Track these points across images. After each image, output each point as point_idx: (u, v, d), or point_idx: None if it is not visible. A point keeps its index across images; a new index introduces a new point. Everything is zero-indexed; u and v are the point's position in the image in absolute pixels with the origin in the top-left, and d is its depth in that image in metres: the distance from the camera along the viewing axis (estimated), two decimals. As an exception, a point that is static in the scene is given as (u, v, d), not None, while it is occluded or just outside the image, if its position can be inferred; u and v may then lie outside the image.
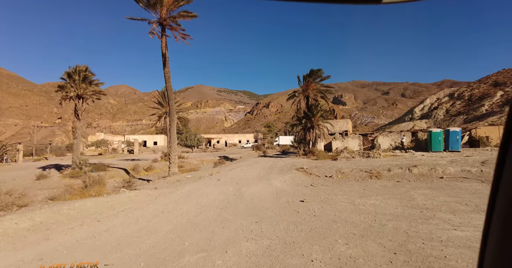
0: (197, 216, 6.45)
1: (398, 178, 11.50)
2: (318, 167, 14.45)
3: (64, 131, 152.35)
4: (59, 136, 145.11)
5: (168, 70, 13.67)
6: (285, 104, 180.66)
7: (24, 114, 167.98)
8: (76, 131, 16.67)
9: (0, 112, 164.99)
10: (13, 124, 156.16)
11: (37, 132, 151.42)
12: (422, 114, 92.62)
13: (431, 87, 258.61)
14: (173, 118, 14.08)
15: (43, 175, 14.71)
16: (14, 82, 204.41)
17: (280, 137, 55.59)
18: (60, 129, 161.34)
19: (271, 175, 12.71)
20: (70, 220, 5.70)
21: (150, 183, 12.86)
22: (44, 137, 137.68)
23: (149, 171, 19.82)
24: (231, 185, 10.46)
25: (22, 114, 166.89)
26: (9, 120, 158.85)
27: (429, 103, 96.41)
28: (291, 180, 11.60)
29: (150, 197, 8.20)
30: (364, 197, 8.13)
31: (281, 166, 15.78)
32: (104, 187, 9.29)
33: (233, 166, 17.69)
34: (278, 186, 10.33)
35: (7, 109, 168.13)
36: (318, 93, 21.18)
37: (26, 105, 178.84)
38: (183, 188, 9.88)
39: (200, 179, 12.62)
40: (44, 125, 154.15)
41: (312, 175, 12.89)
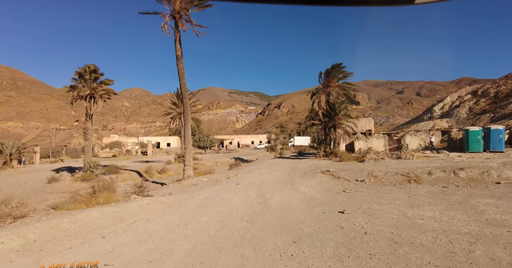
0: (220, 232, 5.36)
1: (443, 183, 10.00)
2: (346, 170, 13.09)
3: (81, 134, 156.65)
4: (76, 138, 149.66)
5: (182, 66, 12.78)
6: (296, 104, 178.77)
7: (45, 117, 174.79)
8: (87, 132, 16.13)
9: (23, 115, 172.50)
10: (34, 127, 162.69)
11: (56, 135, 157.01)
12: (443, 112, 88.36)
13: (448, 85, 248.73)
14: (187, 117, 13.16)
15: (55, 178, 14.18)
16: (35, 87, 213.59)
17: (295, 138, 54.06)
18: (78, 132, 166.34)
19: (295, 179, 11.49)
20: (70, 236, 4.75)
21: (164, 187, 11.95)
22: (63, 139, 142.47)
23: (162, 173, 19.06)
24: (252, 191, 9.34)
25: (42, 117, 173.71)
26: (31, 123, 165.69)
27: (450, 101, 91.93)
28: (318, 185, 10.33)
29: (164, 205, 7.19)
30: (415, 208, 6.77)
31: (302, 168, 14.51)
32: (113, 194, 8.42)
33: (250, 168, 16.58)
34: (306, 192, 9.10)
35: (29, 112, 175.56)
36: (341, 90, 19.72)
37: (46, 109, 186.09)
38: (200, 194, 8.85)
39: (217, 183, 11.58)
40: (62, 127, 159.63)
41: (340, 179, 11.56)
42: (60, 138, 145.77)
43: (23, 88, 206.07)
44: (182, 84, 12.92)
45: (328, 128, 19.87)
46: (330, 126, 19.83)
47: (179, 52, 12.78)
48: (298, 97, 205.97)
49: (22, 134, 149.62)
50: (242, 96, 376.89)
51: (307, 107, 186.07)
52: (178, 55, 12.77)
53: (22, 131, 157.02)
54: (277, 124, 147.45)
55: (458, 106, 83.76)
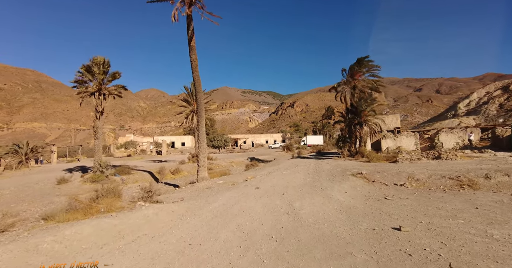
0: (244, 257, 4.06)
1: (509, 190, 8.21)
2: (380, 172, 11.44)
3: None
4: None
5: (195, 57, 11.64)
6: (310, 103, 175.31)
7: (66, 118, 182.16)
8: (97, 131, 15.41)
9: (47, 116, 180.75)
10: (57, 127, 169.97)
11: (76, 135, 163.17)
12: (468, 109, 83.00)
13: (471, 81, 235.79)
14: (201, 114, 12.03)
15: (64, 179, 13.54)
16: (58, 89, 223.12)
17: (307, 137, 52.41)
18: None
19: (323, 182, 10.03)
20: (49, 263, 3.62)
21: (176, 190, 10.87)
22: (83, 139, 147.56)
23: (176, 174, 18.14)
24: (276, 197, 8.00)
25: (64, 118, 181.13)
26: (53, 124, 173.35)
27: (477, 97, 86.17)
28: (353, 191, 8.83)
29: (174, 215, 6.01)
30: (497, 224, 5.16)
31: (328, 170, 13.00)
32: (118, 199, 7.39)
33: (269, 169, 15.24)
34: (341, 199, 7.64)
35: (52, 113, 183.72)
36: (367, 85, 17.91)
37: (68, 110, 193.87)
38: (216, 200, 7.63)
39: (234, 186, 10.35)
40: (82, 128, 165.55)
41: (376, 183, 9.97)
42: (80, 138, 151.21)
43: (47, 90, 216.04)
44: (196, 77, 11.78)
45: (354, 125, 18.15)
46: (356, 123, 18.10)
47: (193, 42, 11.65)
48: (312, 96, 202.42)
49: (45, 134, 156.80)
50: (255, 95, 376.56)
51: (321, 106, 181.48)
52: (192, 45, 11.64)
53: (45, 131, 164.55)
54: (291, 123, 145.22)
55: (487, 102, 78.30)
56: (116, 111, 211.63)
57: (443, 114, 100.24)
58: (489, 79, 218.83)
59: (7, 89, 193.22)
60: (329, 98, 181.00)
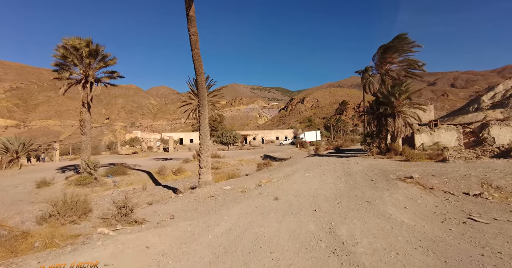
0: None
1: None
2: (435, 175, 8.72)
3: (111, 131, 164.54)
4: (106, 135, 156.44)
5: (195, 30, 9.21)
6: (321, 99, 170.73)
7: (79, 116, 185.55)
8: (84, 125, 13.33)
9: (61, 114, 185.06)
10: (70, 124, 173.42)
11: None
12: (493, 102, 77.37)
13: (488, 74, 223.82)
14: (203, 103, 9.62)
15: (45, 182, 11.56)
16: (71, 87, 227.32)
17: (305, 133, 50.76)
18: (108, 129, 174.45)
19: (365, 191, 7.44)
20: None
21: (171, 199, 8.53)
22: (95, 136, 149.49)
23: (178, 174, 15.96)
24: (306, 215, 5.53)
25: (77, 115, 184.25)
26: (67, 121, 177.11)
27: (503, 89, 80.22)
28: (414, 205, 6.22)
29: (148, 257, 3.64)
30: None
31: (362, 172, 10.37)
32: (82, 218, 5.10)
33: (286, 170, 12.73)
34: (407, 222, 5.07)
35: (65, 111, 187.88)
36: (403, 67, 14.99)
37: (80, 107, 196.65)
38: (219, 222, 5.23)
39: (244, 194, 7.93)
40: (94, 125, 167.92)
41: (437, 192, 7.29)
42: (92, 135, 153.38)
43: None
44: (195, 55, 9.36)
45: (384, 117, 15.33)
46: (387, 115, 15.27)
47: (191, 12, 9.20)
48: (322, 91, 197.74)
49: (60, 131, 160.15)
50: (264, 92, 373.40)
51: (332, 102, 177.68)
52: (191, 15, 9.19)
53: (60, 128, 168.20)
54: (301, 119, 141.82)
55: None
56: (127, 109, 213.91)
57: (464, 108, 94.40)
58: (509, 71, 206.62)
59: (23, 88, 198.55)
60: (340, 94, 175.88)
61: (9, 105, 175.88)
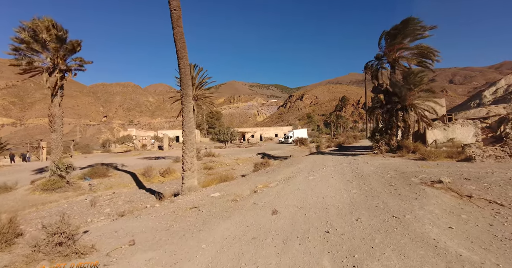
0: None
1: None
2: (469, 179, 7.16)
3: (109, 129, 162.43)
4: (104, 133, 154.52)
5: (178, 3, 7.53)
6: (320, 95, 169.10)
7: (76, 114, 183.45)
8: (54, 121, 11.73)
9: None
10: (67, 122, 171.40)
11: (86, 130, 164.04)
12: (496, 98, 76.24)
13: (486, 70, 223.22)
14: (187, 92, 7.94)
15: (5, 187, 9.98)
16: (68, 85, 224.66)
17: (294, 131, 49.91)
18: (106, 127, 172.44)
19: (387, 201, 5.88)
20: None
21: (144, 210, 6.97)
22: (93, 134, 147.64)
23: (166, 175, 14.41)
24: (314, 239, 3.98)
25: (74, 113, 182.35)
26: (64, 119, 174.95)
27: (505, 84, 79.13)
28: (462, 224, 4.65)
29: None
30: None
31: (375, 174, 8.82)
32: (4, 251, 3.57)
33: (286, 171, 11.18)
34: (467, 256, 3.51)
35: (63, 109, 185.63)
36: (414, 56, 13.39)
37: (77, 105, 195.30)
38: (193, 256, 3.67)
39: (235, 205, 6.38)
40: (91, 123, 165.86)
41: (479, 202, 5.73)
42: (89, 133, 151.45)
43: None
44: (177, 34, 7.68)
45: (396, 111, 13.76)
46: (398, 109, 13.70)
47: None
48: (321, 88, 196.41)
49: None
50: (262, 89, 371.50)
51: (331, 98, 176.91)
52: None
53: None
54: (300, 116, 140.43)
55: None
56: (125, 106, 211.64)
57: (465, 104, 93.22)
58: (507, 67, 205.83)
59: (20, 86, 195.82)
60: (339, 90, 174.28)
61: (5, 103, 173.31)
